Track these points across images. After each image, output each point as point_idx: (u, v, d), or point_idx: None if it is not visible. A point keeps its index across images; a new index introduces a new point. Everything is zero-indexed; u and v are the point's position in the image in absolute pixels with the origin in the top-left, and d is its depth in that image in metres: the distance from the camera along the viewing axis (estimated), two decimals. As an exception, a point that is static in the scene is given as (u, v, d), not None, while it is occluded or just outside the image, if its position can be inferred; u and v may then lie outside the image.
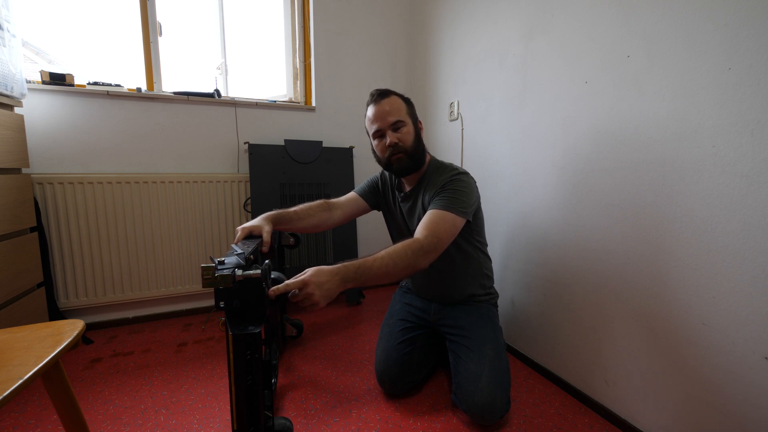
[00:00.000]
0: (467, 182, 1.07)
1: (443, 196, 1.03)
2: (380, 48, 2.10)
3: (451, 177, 1.07)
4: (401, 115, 1.08)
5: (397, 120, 1.08)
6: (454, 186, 1.04)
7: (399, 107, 1.09)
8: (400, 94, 1.13)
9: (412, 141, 1.09)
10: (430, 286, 1.24)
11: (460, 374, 1.06)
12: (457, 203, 1.01)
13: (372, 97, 1.11)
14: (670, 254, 0.89)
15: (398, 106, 1.09)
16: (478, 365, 1.03)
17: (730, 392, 0.79)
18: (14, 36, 1.25)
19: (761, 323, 0.74)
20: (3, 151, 1.22)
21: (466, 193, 1.04)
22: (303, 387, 1.22)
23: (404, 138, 1.08)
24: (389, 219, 1.30)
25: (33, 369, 0.59)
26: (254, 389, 0.72)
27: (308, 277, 0.75)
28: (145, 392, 1.19)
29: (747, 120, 0.74)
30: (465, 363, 1.06)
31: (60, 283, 1.54)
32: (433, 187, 1.09)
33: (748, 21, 0.73)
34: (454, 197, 1.02)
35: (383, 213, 1.32)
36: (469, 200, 1.05)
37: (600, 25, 1.04)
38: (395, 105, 1.09)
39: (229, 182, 1.79)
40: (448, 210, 0.99)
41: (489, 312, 1.20)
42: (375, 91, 1.12)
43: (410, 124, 1.10)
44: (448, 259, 1.13)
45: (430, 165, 1.16)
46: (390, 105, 1.08)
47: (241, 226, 1.00)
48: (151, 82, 1.73)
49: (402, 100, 1.11)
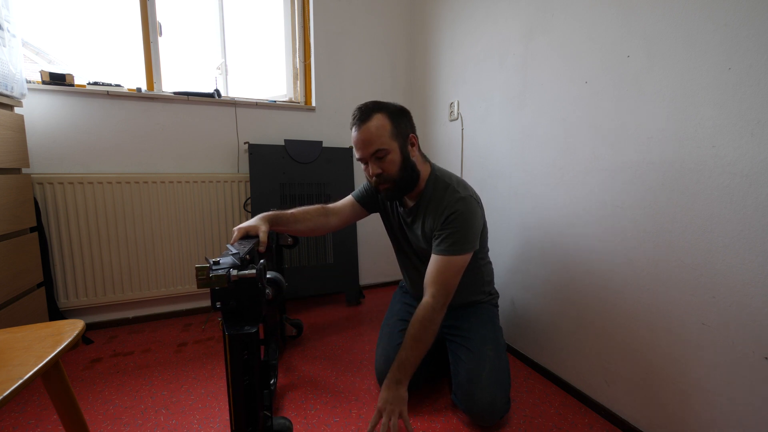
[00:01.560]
0: (469, 213, 1.02)
1: (447, 238, 1.01)
2: (380, 48, 2.10)
3: (453, 211, 1.01)
4: (383, 142, 0.99)
5: (379, 149, 0.99)
6: (457, 224, 1.00)
7: (381, 131, 0.99)
8: (387, 107, 1.03)
9: (397, 169, 1.01)
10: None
11: (460, 375, 1.05)
12: (463, 243, 1.01)
13: (353, 119, 1.03)
14: (670, 254, 0.89)
15: (380, 129, 0.99)
16: (478, 365, 1.03)
17: (730, 392, 0.79)
18: (14, 36, 1.25)
19: (761, 323, 0.73)
20: (3, 151, 1.22)
21: (470, 226, 1.02)
22: (303, 387, 1.22)
23: (388, 168, 1.00)
24: (387, 224, 1.28)
25: (33, 369, 0.59)
26: (252, 389, 0.72)
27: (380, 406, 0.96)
28: (145, 392, 1.19)
29: (747, 120, 0.74)
30: (465, 363, 1.05)
31: (60, 283, 1.54)
32: (434, 212, 1.05)
33: (748, 21, 0.73)
34: (458, 238, 1.00)
35: (381, 216, 1.29)
36: (475, 232, 1.03)
37: (600, 25, 1.04)
38: (378, 129, 0.99)
39: (229, 182, 1.79)
40: (453, 254, 1.00)
41: (489, 312, 1.20)
42: (357, 110, 1.03)
43: (395, 149, 1.00)
44: None
45: (429, 181, 1.09)
46: (371, 130, 0.99)
47: (237, 227, 0.98)
48: (151, 82, 1.73)
49: (387, 118, 1.00)
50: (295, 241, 1.36)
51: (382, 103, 1.04)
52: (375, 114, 1.00)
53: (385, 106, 1.03)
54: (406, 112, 1.08)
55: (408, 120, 1.07)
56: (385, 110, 1.01)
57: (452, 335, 1.16)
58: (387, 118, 1.00)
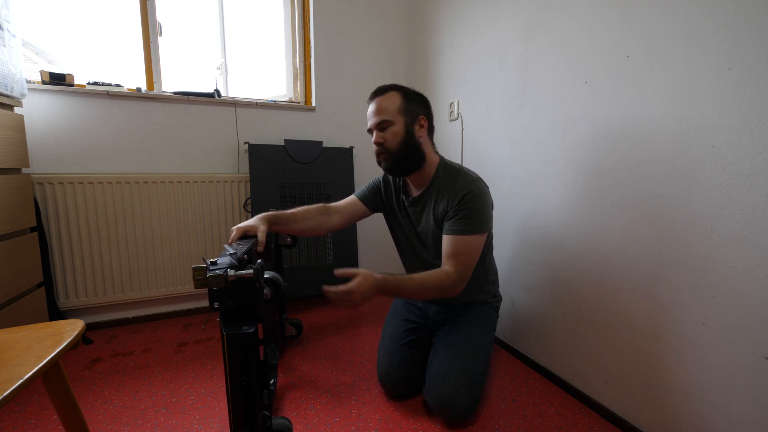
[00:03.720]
0: (483, 195, 1.04)
1: (463, 218, 1.01)
2: (380, 48, 2.10)
3: (468, 191, 1.02)
4: (389, 114, 1.04)
5: (383, 120, 1.04)
6: (473, 204, 1.01)
7: (390, 105, 1.04)
8: (404, 88, 1.08)
9: (398, 142, 1.04)
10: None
11: (432, 368, 1.07)
12: (479, 222, 1.02)
13: (371, 94, 1.10)
14: (670, 254, 0.89)
15: (390, 103, 1.04)
16: (451, 362, 1.04)
17: (730, 392, 0.79)
18: (14, 36, 1.25)
19: (761, 323, 0.73)
20: (3, 151, 1.22)
21: (485, 207, 1.04)
22: (303, 387, 1.22)
23: (389, 139, 1.04)
24: (393, 223, 1.26)
25: (33, 369, 0.59)
26: (250, 389, 0.72)
27: (355, 287, 0.87)
28: (145, 392, 1.19)
29: (747, 120, 0.74)
30: (439, 358, 1.07)
31: (60, 283, 1.54)
32: (447, 195, 1.05)
33: (748, 21, 0.73)
34: (475, 216, 1.01)
35: (385, 216, 1.28)
36: (489, 213, 1.06)
37: (600, 25, 1.04)
38: (388, 102, 1.04)
39: (229, 182, 1.79)
40: (472, 234, 1.01)
41: (486, 316, 1.19)
42: (377, 87, 1.10)
43: (400, 123, 1.04)
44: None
45: (439, 169, 1.11)
46: (381, 103, 1.05)
47: (235, 226, 0.97)
48: (151, 82, 1.73)
49: (401, 95, 1.06)
50: (294, 241, 1.36)
51: (402, 85, 1.10)
52: (391, 90, 1.07)
53: (404, 87, 1.09)
54: (424, 99, 1.12)
55: (422, 104, 1.10)
56: (401, 90, 1.08)
57: (440, 333, 1.17)
58: (400, 95, 1.06)
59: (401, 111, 1.05)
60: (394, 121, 1.04)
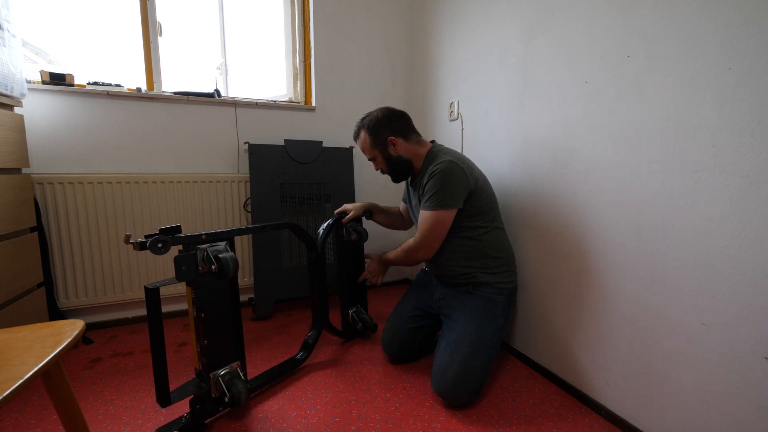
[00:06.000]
0: (447, 172, 1.14)
1: (426, 195, 1.18)
2: (380, 48, 2.10)
3: (432, 171, 1.17)
4: (368, 152, 1.31)
5: (369, 157, 1.33)
6: (435, 182, 1.15)
7: (364, 146, 1.30)
8: (367, 123, 1.28)
9: (386, 165, 1.31)
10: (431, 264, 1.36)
11: (435, 362, 1.17)
12: (440, 198, 1.15)
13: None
14: (670, 254, 0.89)
15: (364, 144, 1.30)
16: (449, 360, 1.11)
17: (730, 392, 0.79)
18: (14, 36, 1.25)
19: (761, 323, 0.73)
20: (3, 151, 1.22)
21: (445, 184, 1.14)
22: (303, 387, 1.22)
23: (379, 165, 1.33)
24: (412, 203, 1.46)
25: (33, 369, 0.59)
26: None
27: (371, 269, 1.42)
28: (145, 392, 1.19)
29: (747, 120, 0.74)
30: (441, 353, 1.15)
31: (60, 283, 1.54)
32: (425, 177, 1.21)
33: (748, 21, 0.73)
34: (436, 193, 1.15)
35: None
36: (452, 190, 1.15)
37: (600, 25, 1.04)
38: (362, 143, 1.30)
39: (229, 182, 1.79)
40: (431, 209, 1.17)
41: (487, 303, 1.19)
42: (354, 130, 1.34)
43: (378, 154, 1.29)
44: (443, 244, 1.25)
45: (428, 156, 1.27)
46: (360, 144, 1.32)
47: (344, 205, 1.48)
48: (151, 82, 1.73)
49: (367, 134, 1.28)
50: (359, 237, 1.48)
51: (365, 118, 1.30)
52: (360, 132, 1.31)
53: (367, 122, 1.29)
54: (385, 117, 1.28)
55: (386, 125, 1.27)
56: (366, 127, 1.29)
57: (444, 316, 1.27)
58: (366, 133, 1.29)
59: (373, 146, 1.28)
60: (374, 155, 1.31)
